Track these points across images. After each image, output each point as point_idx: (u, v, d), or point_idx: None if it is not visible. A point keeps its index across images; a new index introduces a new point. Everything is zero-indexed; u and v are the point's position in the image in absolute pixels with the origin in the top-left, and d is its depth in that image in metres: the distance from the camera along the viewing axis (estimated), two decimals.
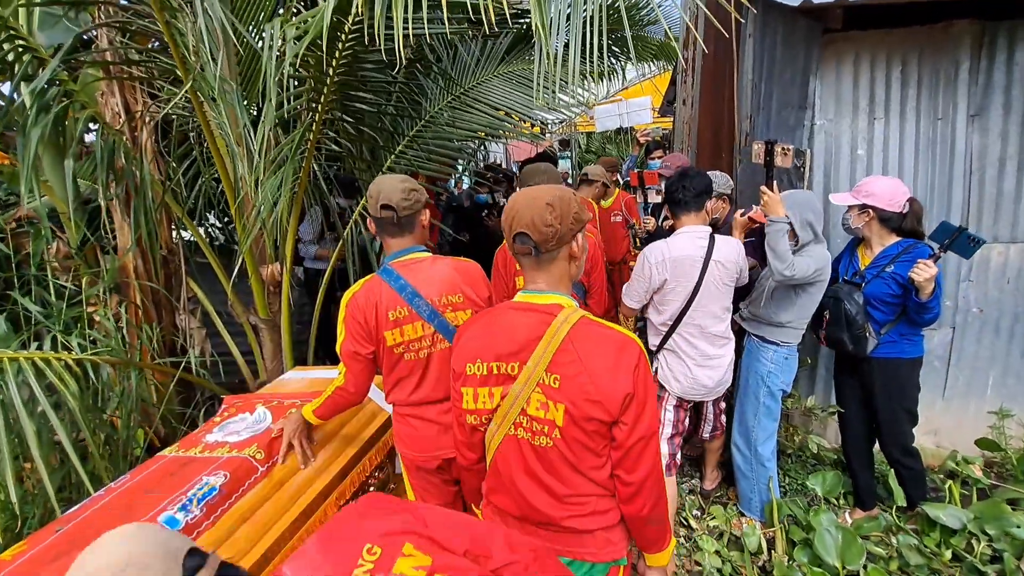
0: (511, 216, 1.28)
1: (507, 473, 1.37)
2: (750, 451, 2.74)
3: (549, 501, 1.33)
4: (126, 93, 3.17)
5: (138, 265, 3.40)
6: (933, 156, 2.99)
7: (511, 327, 1.32)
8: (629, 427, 1.25)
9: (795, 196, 2.52)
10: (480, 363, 1.33)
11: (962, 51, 2.89)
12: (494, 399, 1.33)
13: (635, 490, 1.29)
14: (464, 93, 3.37)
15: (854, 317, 2.42)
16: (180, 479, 1.81)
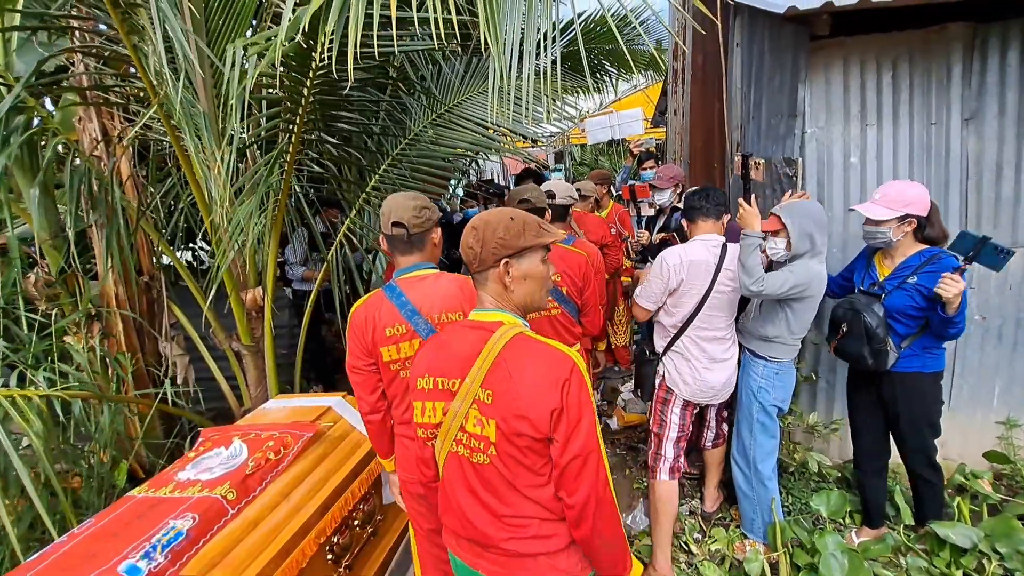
0: (474, 234, 1.33)
1: (451, 491, 1.38)
2: (749, 469, 2.64)
3: (490, 520, 1.31)
4: (103, 119, 3.12)
5: (119, 292, 3.32)
6: (928, 162, 2.92)
7: (457, 343, 1.35)
8: (561, 444, 1.22)
9: (798, 206, 2.44)
10: (428, 377, 1.37)
11: (954, 54, 2.84)
12: (437, 414, 1.36)
13: (578, 512, 1.25)
14: (448, 111, 3.32)
15: (875, 330, 2.28)
16: (146, 523, 1.72)
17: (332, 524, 2.08)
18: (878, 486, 2.62)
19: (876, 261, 2.49)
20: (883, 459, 2.61)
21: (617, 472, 3.54)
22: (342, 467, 2.25)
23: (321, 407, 2.57)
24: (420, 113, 3.29)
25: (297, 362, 3.40)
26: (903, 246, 2.35)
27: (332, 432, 2.41)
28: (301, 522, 1.93)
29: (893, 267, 2.40)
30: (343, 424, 2.50)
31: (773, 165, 3.22)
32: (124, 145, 2.91)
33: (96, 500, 2.44)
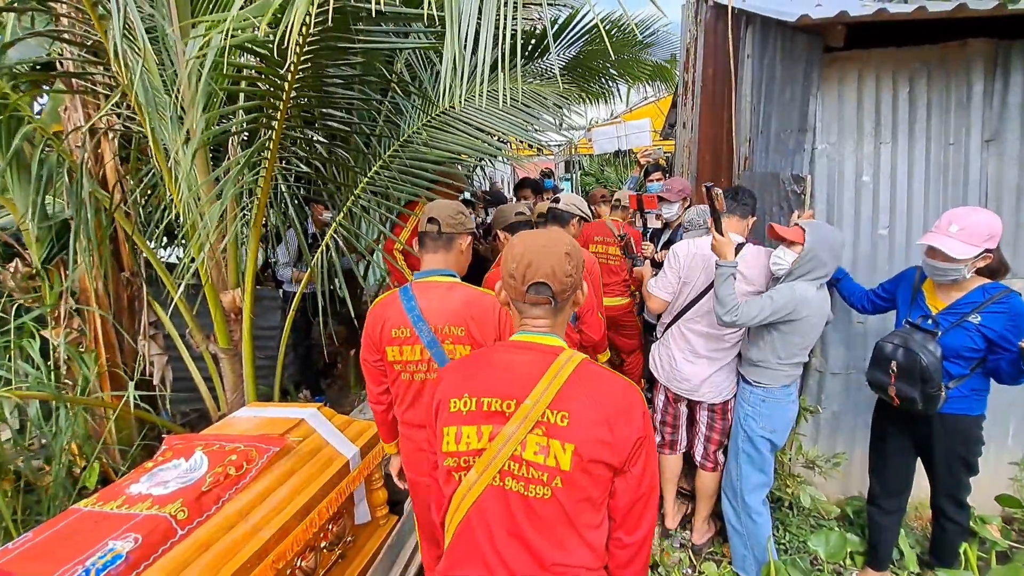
0: (525, 264, 1.19)
1: (485, 535, 1.16)
2: (737, 501, 2.49)
3: (532, 570, 1.15)
4: (88, 109, 3.03)
5: (97, 287, 3.22)
6: (945, 183, 2.77)
7: (508, 364, 1.22)
8: (638, 476, 1.15)
9: (825, 229, 2.33)
10: (468, 398, 1.20)
11: (975, 71, 2.70)
12: (482, 439, 1.17)
13: (634, 552, 1.19)
14: (444, 113, 3.20)
15: (931, 373, 2.04)
16: (84, 541, 1.58)
17: (295, 547, 1.94)
18: (892, 527, 2.45)
19: (926, 290, 2.28)
20: (904, 498, 2.45)
21: None
22: (310, 485, 2.11)
23: (293, 419, 2.43)
24: (414, 115, 3.18)
25: (278, 367, 3.27)
26: (966, 280, 2.13)
27: (302, 447, 2.26)
28: (259, 545, 1.79)
29: (949, 301, 2.18)
30: (315, 438, 2.35)
31: (781, 182, 3.07)
32: (106, 135, 2.81)
33: (52, 505, 2.32)
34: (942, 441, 2.21)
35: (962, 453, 2.22)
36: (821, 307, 2.29)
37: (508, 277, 1.23)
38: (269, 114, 2.26)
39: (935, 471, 2.28)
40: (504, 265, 1.24)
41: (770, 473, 2.46)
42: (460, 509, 1.19)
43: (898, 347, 2.13)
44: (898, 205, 2.80)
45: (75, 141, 2.97)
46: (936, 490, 2.33)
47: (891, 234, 2.82)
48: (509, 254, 1.23)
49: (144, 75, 1.84)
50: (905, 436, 2.34)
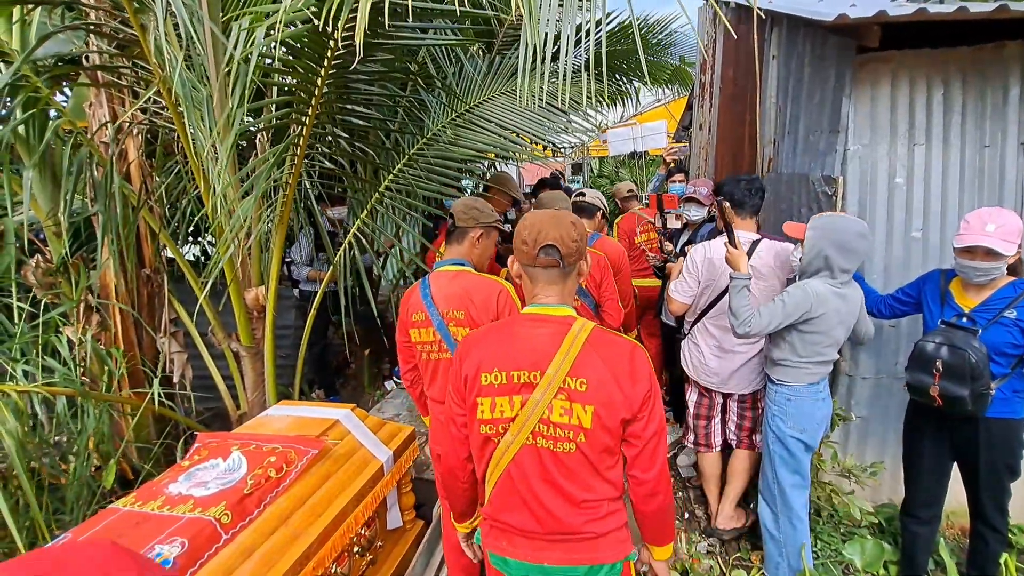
0: (536, 231, 1.36)
1: (524, 484, 1.38)
2: (776, 505, 2.44)
3: (568, 509, 1.37)
4: (113, 104, 3.01)
5: (118, 284, 3.20)
6: (980, 187, 2.73)
7: (528, 337, 1.38)
8: (645, 423, 1.35)
9: (828, 221, 2.26)
10: (498, 372, 1.36)
11: (1011, 74, 2.65)
12: (514, 407, 1.36)
13: (652, 486, 1.38)
14: (469, 111, 3.17)
15: (981, 370, 1.97)
16: (129, 544, 1.51)
17: (333, 553, 1.90)
18: (929, 536, 2.40)
19: (953, 290, 2.24)
20: (939, 506, 2.39)
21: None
22: (346, 489, 2.07)
23: (329, 419, 2.38)
24: (439, 111, 3.15)
25: (298, 366, 3.25)
26: (997, 278, 2.11)
27: (338, 449, 2.22)
28: (300, 551, 1.75)
29: (980, 299, 2.15)
30: (350, 440, 2.31)
31: (811, 183, 3.03)
32: (132, 131, 2.79)
33: (75, 504, 2.28)
34: (987, 447, 2.16)
35: (1007, 458, 2.17)
36: (840, 303, 2.23)
37: (521, 244, 1.39)
38: (300, 108, 2.23)
39: (979, 477, 2.22)
40: (517, 236, 1.41)
41: (806, 475, 2.41)
42: (500, 465, 1.39)
43: (941, 345, 2.07)
44: (932, 207, 2.76)
45: (100, 136, 2.95)
46: (978, 497, 2.27)
47: (925, 236, 2.77)
48: (522, 226, 1.40)
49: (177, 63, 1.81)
50: (942, 442, 2.29)
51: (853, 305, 2.30)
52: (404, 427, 2.50)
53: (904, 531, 2.47)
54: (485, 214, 2.08)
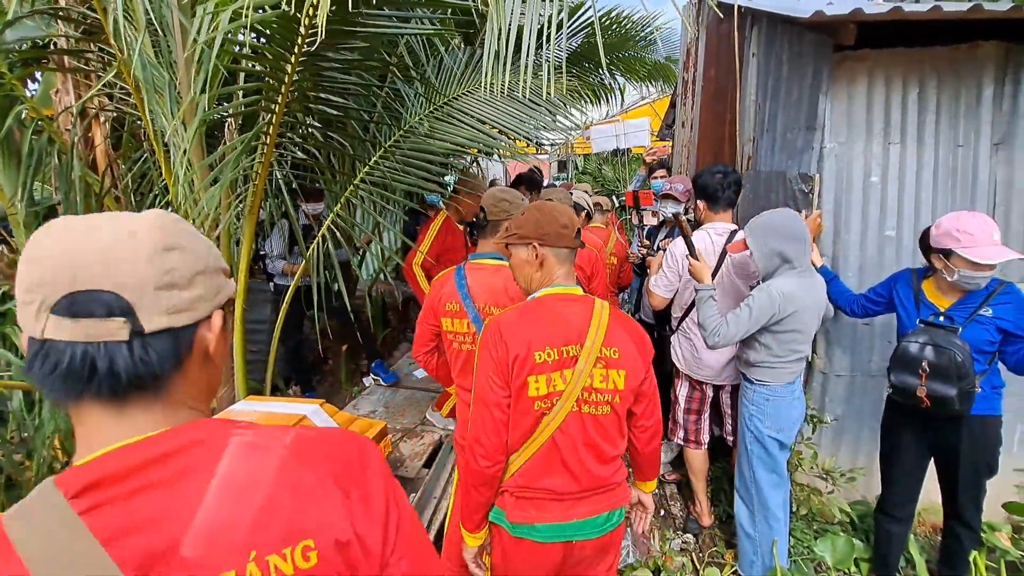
0: (568, 216, 1.58)
1: (568, 448, 1.52)
2: (753, 504, 2.44)
3: (599, 465, 1.56)
4: (80, 90, 2.91)
5: None
6: (954, 186, 2.75)
7: (565, 315, 1.53)
8: (651, 380, 1.62)
9: (762, 221, 2.26)
10: (550, 350, 1.48)
11: (985, 75, 2.67)
12: (565, 380, 1.50)
13: (655, 429, 1.68)
14: (447, 103, 3.12)
15: (968, 368, 1.97)
16: None
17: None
18: (902, 534, 2.41)
19: (926, 289, 2.24)
20: (914, 505, 2.40)
21: None
22: None
23: (296, 415, 2.31)
24: (417, 104, 3.10)
25: (270, 361, 3.18)
26: None
27: None
28: None
29: (955, 298, 2.15)
30: None
31: (788, 181, 3.04)
32: (98, 118, 2.70)
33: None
34: (968, 445, 2.16)
35: (986, 456, 2.18)
36: (807, 297, 2.22)
37: (562, 228, 1.54)
38: (270, 96, 2.17)
39: (958, 477, 2.23)
40: (554, 223, 1.54)
41: (783, 473, 2.41)
42: (543, 435, 1.51)
43: (926, 345, 2.07)
44: (906, 207, 2.77)
45: (65, 123, 2.86)
46: (955, 495, 2.27)
47: (898, 236, 2.79)
48: (551, 211, 1.56)
49: (142, 52, 1.75)
50: (922, 441, 2.29)
51: (820, 294, 2.30)
52: (376, 423, 2.45)
53: (878, 529, 2.48)
54: (515, 205, 2.06)
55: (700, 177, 2.75)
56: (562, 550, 1.56)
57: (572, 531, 1.55)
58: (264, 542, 0.63)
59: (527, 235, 1.56)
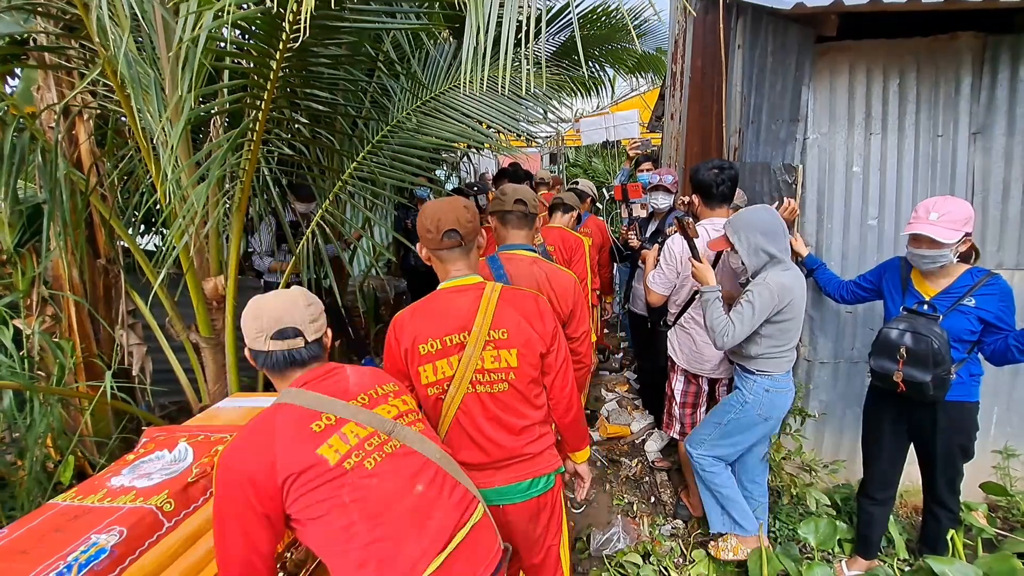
0: (436, 219, 1.60)
1: (472, 425, 1.65)
2: (700, 460, 2.53)
3: (509, 437, 1.67)
4: (63, 88, 2.90)
5: (72, 274, 3.10)
6: (933, 175, 2.80)
7: (454, 306, 1.63)
8: (556, 354, 1.70)
9: (742, 219, 2.28)
10: (432, 341, 1.60)
11: (963, 65, 2.72)
12: (452, 367, 1.60)
13: (567, 401, 1.78)
14: (434, 98, 3.13)
15: (944, 356, 2.03)
16: (64, 537, 1.46)
17: (284, 538, 1.89)
18: (883, 516, 2.47)
19: (914, 278, 2.29)
20: (895, 487, 2.46)
21: (596, 486, 3.37)
22: None
23: None
24: (404, 99, 3.10)
25: None
26: (950, 265, 2.16)
27: None
28: None
29: (940, 287, 2.21)
30: None
31: (772, 172, 3.08)
32: (82, 116, 2.69)
33: (27, 502, 2.22)
34: (944, 429, 2.22)
35: (962, 440, 2.24)
36: (797, 285, 2.27)
37: (425, 232, 1.62)
38: (255, 93, 2.17)
39: (935, 459, 2.29)
40: (421, 226, 1.63)
41: (740, 453, 2.47)
42: (448, 416, 1.64)
43: (905, 332, 2.12)
44: (887, 196, 2.82)
45: (48, 121, 2.84)
46: (932, 477, 2.34)
47: (880, 225, 2.84)
48: (423, 217, 1.62)
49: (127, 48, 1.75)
50: (901, 425, 2.35)
51: (804, 282, 2.35)
52: None
53: (860, 511, 2.54)
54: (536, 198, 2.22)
55: (696, 173, 2.72)
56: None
57: (494, 497, 1.67)
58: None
59: (419, 238, 1.69)
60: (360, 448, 1.30)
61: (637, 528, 2.91)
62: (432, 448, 1.40)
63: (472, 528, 1.35)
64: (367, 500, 1.25)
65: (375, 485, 1.27)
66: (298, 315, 1.39)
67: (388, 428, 1.37)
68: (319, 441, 1.27)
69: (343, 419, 1.32)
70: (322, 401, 1.34)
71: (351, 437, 1.30)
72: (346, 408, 1.35)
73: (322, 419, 1.30)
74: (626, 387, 4.65)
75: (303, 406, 1.32)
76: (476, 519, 1.38)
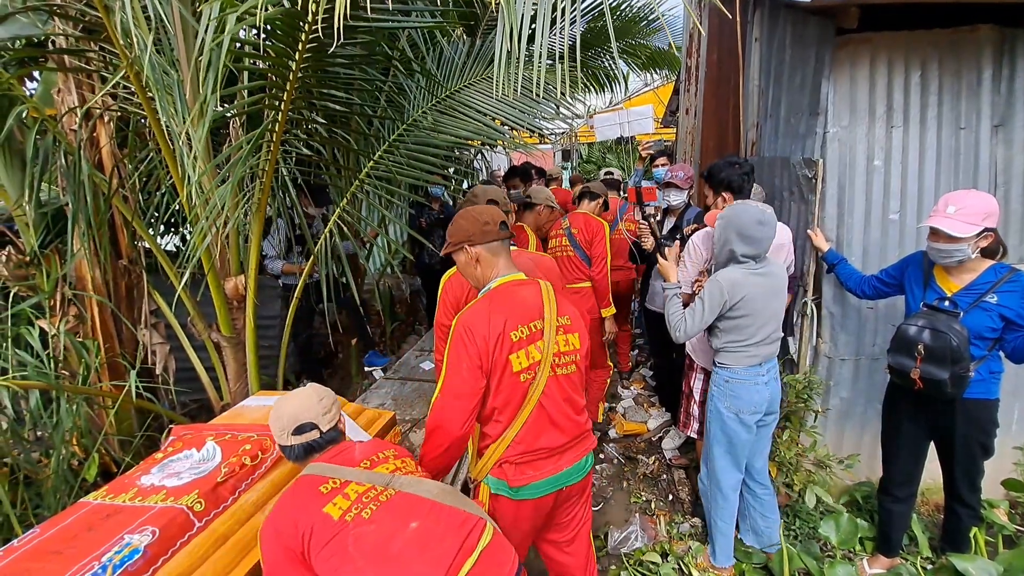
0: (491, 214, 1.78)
1: (553, 408, 1.75)
2: (707, 477, 2.53)
3: (577, 415, 1.81)
4: (83, 91, 2.94)
5: (94, 275, 3.15)
6: (956, 168, 2.75)
7: (522, 297, 1.75)
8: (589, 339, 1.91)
9: (730, 211, 2.28)
10: (521, 328, 1.70)
11: (984, 57, 2.67)
12: (540, 351, 1.72)
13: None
14: (449, 96, 3.14)
15: (962, 353, 2.00)
16: (98, 537, 1.49)
17: None
18: (904, 513, 2.44)
19: (937, 274, 2.26)
20: (916, 485, 2.43)
21: (614, 484, 3.37)
22: None
23: None
24: (419, 97, 3.11)
25: (281, 356, 3.23)
26: (971, 261, 2.12)
27: None
28: None
29: (963, 283, 2.17)
30: None
31: (792, 166, 3.04)
32: (103, 118, 2.74)
33: (53, 500, 2.26)
34: (963, 426, 2.19)
35: (981, 438, 2.21)
36: (763, 279, 2.25)
37: (483, 226, 1.74)
38: (275, 93, 2.19)
39: (954, 456, 2.26)
40: (476, 222, 1.75)
41: (740, 460, 2.43)
42: (531, 402, 1.72)
43: (924, 328, 2.10)
44: (909, 190, 2.78)
45: (70, 123, 2.89)
46: (953, 475, 2.31)
47: (902, 219, 2.80)
48: (473, 214, 1.76)
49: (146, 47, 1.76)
50: (920, 423, 2.32)
51: (777, 279, 2.32)
52: (384, 412, 2.49)
53: (881, 509, 2.52)
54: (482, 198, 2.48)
55: (721, 172, 2.72)
56: (554, 498, 1.80)
57: (564, 479, 1.79)
58: None
59: (459, 240, 1.77)
60: (358, 502, 1.43)
61: (654, 526, 2.91)
62: (429, 486, 1.50)
63: (483, 552, 1.40)
64: (366, 545, 1.35)
65: (372, 531, 1.38)
66: (312, 411, 1.57)
67: (386, 481, 1.50)
68: (325, 501, 1.41)
69: (347, 481, 1.47)
70: (332, 469, 1.51)
71: (351, 494, 1.44)
72: (351, 472, 1.50)
73: (329, 482, 1.46)
74: (642, 385, 4.64)
75: (317, 474, 1.49)
76: (486, 541, 1.43)
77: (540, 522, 1.85)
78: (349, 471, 1.51)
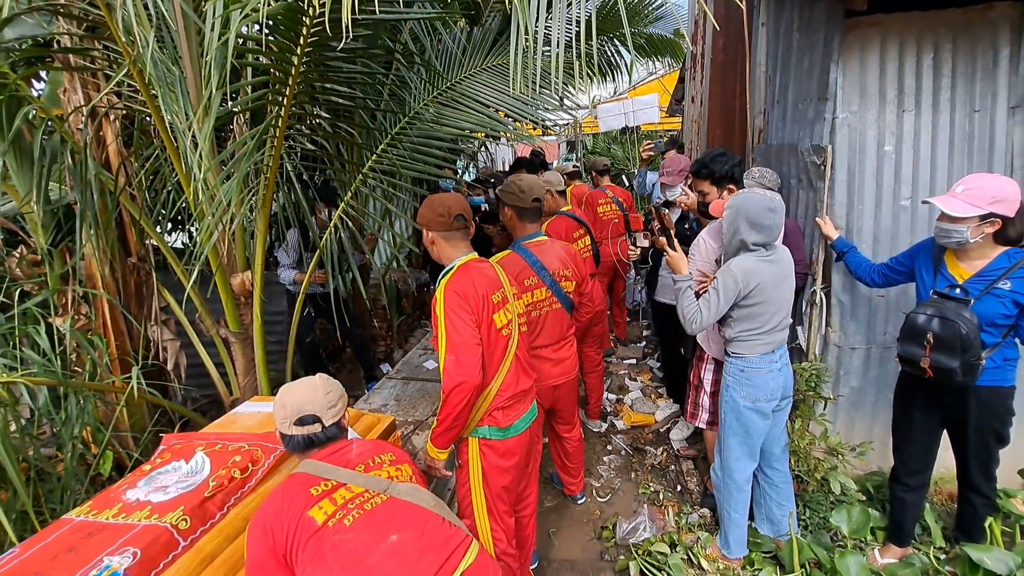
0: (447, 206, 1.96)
1: (523, 357, 2.10)
2: (720, 467, 2.50)
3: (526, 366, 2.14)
4: (88, 90, 2.95)
5: (104, 272, 3.18)
6: (970, 152, 2.69)
7: (486, 271, 2.02)
8: None
9: (738, 199, 2.25)
10: (497, 293, 1.99)
11: (1001, 37, 2.60)
12: (510, 312, 2.04)
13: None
14: (451, 88, 3.11)
15: (972, 341, 1.97)
16: (78, 557, 1.40)
17: None
18: (917, 503, 2.42)
19: (948, 260, 2.22)
20: (928, 474, 2.40)
21: (622, 475, 3.37)
22: None
23: None
24: (421, 89, 3.09)
25: (288, 352, 3.24)
26: (983, 247, 2.07)
27: None
28: None
29: (974, 269, 2.12)
30: None
31: (800, 153, 3.00)
32: (108, 116, 2.74)
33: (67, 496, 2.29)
34: (976, 414, 2.16)
35: (996, 426, 2.17)
36: (775, 267, 2.24)
37: (437, 217, 1.94)
38: (278, 89, 2.18)
39: (967, 445, 2.23)
40: (431, 212, 1.95)
41: (754, 452, 2.41)
42: (510, 353, 2.02)
43: (932, 317, 2.06)
44: (921, 175, 2.72)
45: (76, 123, 2.90)
46: (967, 464, 2.28)
47: (913, 205, 2.74)
48: (434, 204, 1.96)
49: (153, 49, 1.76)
50: (932, 411, 2.29)
51: (786, 265, 2.31)
52: (384, 417, 2.42)
53: (893, 498, 2.49)
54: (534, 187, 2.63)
55: (720, 167, 2.68)
56: (531, 430, 2.12)
57: (534, 412, 2.16)
58: None
59: (421, 223, 2.01)
60: (343, 508, 1.41)
61: (663, 517, 2.90)
62: (426, 496, 1.51)
63: (465, 573, 1.38)
64: (343, 553, 1.33)
65: (350, 539, 1.36)
66: (317, 403, 1.55)
67: (383, 487, 1.49)
68: (311, 504, 1.39)
69: (340, 483, 1.46)
70: (327, 469, 1.49)
71: (339, 499, 1.42)
72: (347, 475, 1.49)
73: (321, 484, 1.44)
74: (650, 376, 4.62)
75: (310, 473, 1.48)
76: (469, 561, 1.41)
77: (527, 454, 2.14)
78: (345, 473, 1.49)
